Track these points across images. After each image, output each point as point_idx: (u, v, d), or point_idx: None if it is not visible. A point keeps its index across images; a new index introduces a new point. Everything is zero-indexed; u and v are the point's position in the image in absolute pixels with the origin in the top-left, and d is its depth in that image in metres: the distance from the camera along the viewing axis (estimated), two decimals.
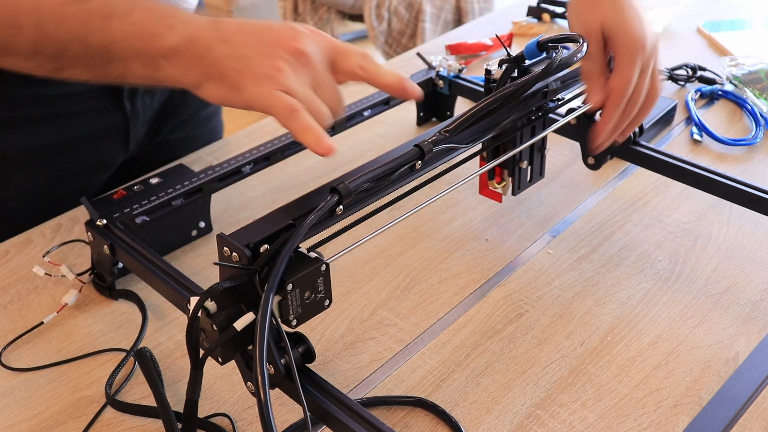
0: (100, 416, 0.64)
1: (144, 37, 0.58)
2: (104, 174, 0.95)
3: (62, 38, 0.60)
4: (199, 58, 0.58)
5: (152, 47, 0.58)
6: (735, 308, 0.73)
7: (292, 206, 0.57)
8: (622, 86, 0.70)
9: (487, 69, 0.73)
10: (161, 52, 0.58)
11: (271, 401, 0.47)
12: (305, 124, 0.55)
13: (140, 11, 0.59)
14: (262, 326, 0.48)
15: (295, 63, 0.57)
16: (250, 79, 0.57)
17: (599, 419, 0.62)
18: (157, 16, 0.59)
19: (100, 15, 0.59)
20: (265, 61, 0.57)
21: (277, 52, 0.57)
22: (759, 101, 1.04)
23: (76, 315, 0.74)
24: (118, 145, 0.94)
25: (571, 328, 0.71)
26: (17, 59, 0.62)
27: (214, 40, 0.58)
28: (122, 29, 0.59)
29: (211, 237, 0.84)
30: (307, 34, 0.58)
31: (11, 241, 0.84)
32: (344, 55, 0.60)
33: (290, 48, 0.57)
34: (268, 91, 0.56)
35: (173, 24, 0.58)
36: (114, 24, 0.59)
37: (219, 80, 0.58)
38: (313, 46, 0.58)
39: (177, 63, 0.58)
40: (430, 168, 0.63)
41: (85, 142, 0.90)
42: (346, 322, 0.72)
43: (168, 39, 0.58)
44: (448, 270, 0.79)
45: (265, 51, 0.57)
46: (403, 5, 2.63)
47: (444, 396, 0.64)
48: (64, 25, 0.59)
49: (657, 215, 0.85)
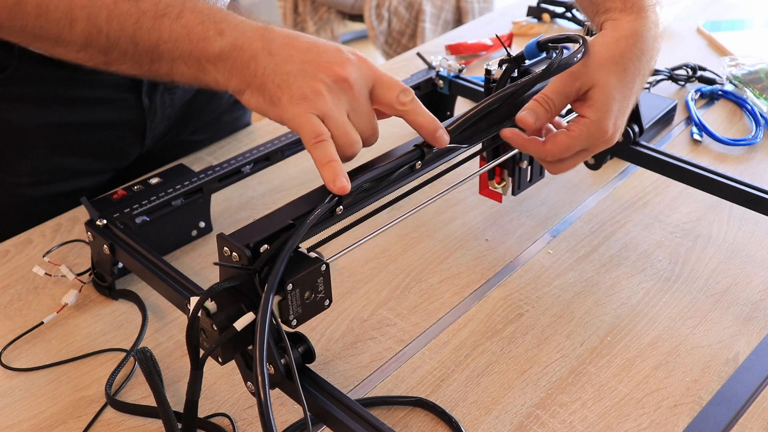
0: (100, 416, 0.64)
1: (192, 40, 0.59)
2: (118, 163, 0.96)
3: (113, 34, 0.61)
4: (243, 66, 0.59)
5: (199, 50, 0.59)
6: (735, 308, 0.73)
7: (292, 206, 0.57)
8: (563, 148, 0.65)
9: (487, 69, 0.73)
10: (208, 56, 0.59)
11: (270, 401, 0.47)
12: (327, 156, 0.56)
13: (190, 14, 0.60)
14: (262, 326, 0.48)
15: (335, 88, 0.57)
16: (288, 97, 0.57)
17: (599, 419, 0.62)
18: (207, 20, 0.60)
19: (152, 15, 0.60)
20: (305, 82, 0.57)
21: (319, 74, 0.57)
22: (759, 101, 1.04)
23: (76, 315, 0.74)
24: (134, 138, 0.94)
25: (571, 328, 0.71)
26: (69, 50, 0.64)
27: (260, 51, 0.58)
28: (171, 30, 0.60)
29: (211, 237, 0.84)
30: (352, 61, 0.58)
31: (11, 241, 0.84)
32: (385, 87, 0.60)
33: (333, 73, 0.57)
34: (302, 112, 0.57)
35: (222, 29, 0.59)
36: (164, 24, 0.60)
37: (259, 91, 0.59)
38: (356, 74, 0.58)
39: (221, 68, 0.59)
40: (430, 168, 0.63)
41: (101, 129, 0.90)
42: (346, 322, 0.72)
43: (216, 44, 0.59)
44: (448, 270, 0.79)
45: (308, 71, 0.57)
46: (403, 5, 2.63)
47: (444, 396, 0.64)
48: (115, 22, 0.61)
49: (657, 215, 0.85)
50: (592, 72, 0.64)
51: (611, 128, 0.65)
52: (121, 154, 0.95)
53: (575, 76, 0.64)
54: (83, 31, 0.61)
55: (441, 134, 0.60)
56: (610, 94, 0.64)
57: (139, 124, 0.93)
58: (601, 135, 0.65)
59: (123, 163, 0.96)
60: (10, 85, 0.83)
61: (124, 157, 0.96)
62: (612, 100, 0.64)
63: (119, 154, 0.95)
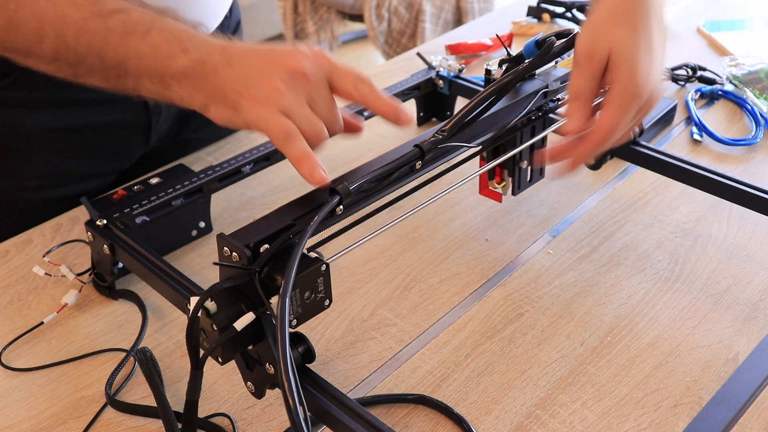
0: (100, 416, 0.64)
1: (158, 58, 0.60)
2: (122, 164, 0.96)
3: (80, 50, 0.62)
4: (205, 81, 0.60)
5: (164, 68, 0.60)
6: (735, 308, 0.73)
7: (292, 206, 0.57)
8: (610, 128, 0.63)
9: (487, 69, 0.73)
10: (172, 74, 0.60)
11: (299, 384, 0.47)
12: (300, 151, 0.57)
13: (158, 32, 0.61)
14: (282, 324, 0.48)
15: (292, 82, 0.58)
16: (248, 100, 0.58)
17: (599, 419, 0.62)
18: (173, 39, 0.61)
19: (120, 32, 0.61)
20: (263, 82, 0.58)
21: (275, 71, 0.58)
22: (759, 101, 1.04)
23: (76, 315, 0.74)
24: (139, 138, 0.95)
25: (571, 328, 0.71)
26: (40, 62, 0.66)
27: (220, 63, 0.59)
28: (138, 48, 0.61)
29: (211, 237, 0.84)
30: (305, 54, 0.59)
31: (11, 241, 0.84)
32: (342, 76, 0.60)
33: (287, 67, 0.58)
34: (266, 112, 0.57)
35: (187, 47, 0.60)
36: (131, 42, 0.61)
37: (221, 102, 0.60)
38: (311, 65, 0.59)
39: (185, 85, 0.60)
40: (430, 168, 0.63)
41: (106, 130, 0.91)
42: (346, 322, 0.72)
43: (180, 61, 0.60)
44: (448, 270, 0.79)
45: (264, 71, 0.58)
46: (403, 5, 2.63)
47: (444, 396, 0.64)
48: (83, 39, 0.62)
49: (657, 215, 0.85)
50: (602, 37, 0.63)
51: (646, 82, 0.63)
52: (125, 155, 0.96)
53: (588, 52, 0.63)
54: (52, 46, 0.63)
55: (403, 114, 0.61)
56: (630, 49, 0.62)
57: (144, 124, 0.93)
58: (639, 92, 0.63)
59: (127, 164, 0.97)
60: (15, 90, 0.83)
61: (128, 158, 0.96)
62: (634, 53, 0.62)
63: (124, 155, 0.95)
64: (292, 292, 0.52)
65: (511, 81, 0.64)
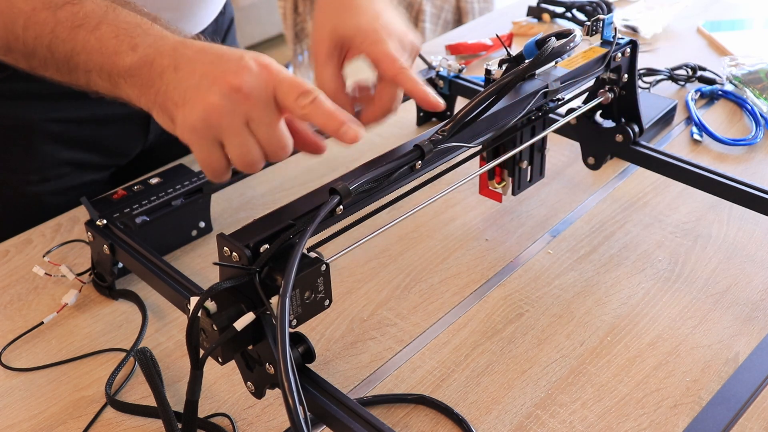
0: (100, 416, 0.64)
1: (105, 54, 0.58)
2: (121, 159, 0.97)
3: (29, 42, 0.60)
4: (150, 84, 0.56)
5: (111, 64, 0.58)
6: (735, 308, 0.73)
7: (292, 206, 0.57)
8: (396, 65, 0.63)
9: (487, 69, 0.73)
10: (119, 71, 0.58)
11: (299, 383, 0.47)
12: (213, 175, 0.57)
13: (107, 26, 0.58)
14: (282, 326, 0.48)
15: (229, 100, 0.54)
16: (181, 116, 0.55)
17: (599, 419, 0.62)
18: (122, 33, 0.57)
19: (68, 25, 0.59)
20: (199, 97, 0.54)
21: (213, 87, 0.54)
22: (759, 101, 1.04)
23: (76, 315, 0.74)
24: (139, 132, 0.95)
25: (571, 328, 0.71)
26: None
27: (167, 67, 0.56)
28: (86, 42, 0.58)
29: (211, 237, 0.84)
30: (250, 69, 0.54)
31: (11, 241, 0.84)
32: (285, 91, 0.55)
33: (226, 84, 0.54)
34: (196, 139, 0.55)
35: (137, 44, 0.57)
36: (79, 35, 0.58)
37: (162, 110, 0.57)
38: (252, 82, 0.54)
39: (132, 84, 0.58)
40: (430, 168, 0.63)
41: (107, 123, 0.91)
42: (346, 322, 0.72)
43: (127, 59, 0.57)
44: (448, 270, 0.79)
45: (203, 85, 0.54)
46: (403, 5, 2.63)
47: (444, 396, 0.64)
48: (31, 30, 0.60)
49: (657, 215, 0.85)
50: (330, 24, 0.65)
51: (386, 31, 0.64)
52: (124, 149, 0.96)
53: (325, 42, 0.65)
54: (2, 37, 0.61)
55: (345, 129, 0.55)
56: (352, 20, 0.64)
57: (144, 118, 0.93)
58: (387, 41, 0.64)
59: (125, 159, 0.97)
60: (15, 81, 0.82)
61: (126, 153, 0.96)
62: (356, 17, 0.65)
63: (123, 149, 0.96)
64: (292, 292, 0.52)
65: (511, 81, 0.64)
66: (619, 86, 0.81)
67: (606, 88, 0.81)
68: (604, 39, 0.78)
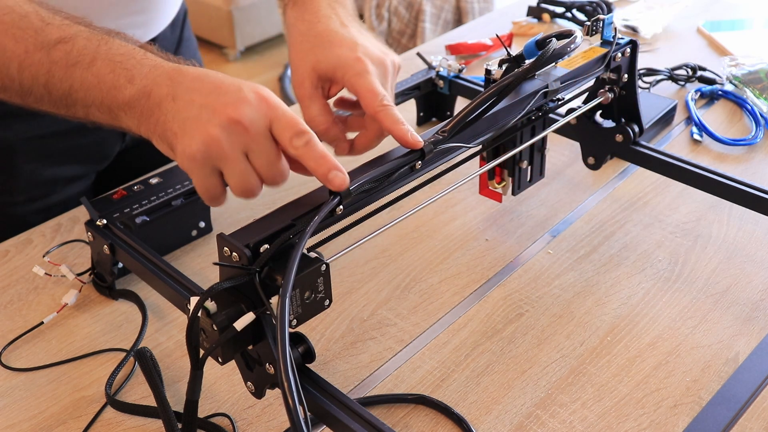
0: (100, 416, 0.64)
1: (103, 89, 0.59)
2: (102, 164, 0.97)
3: (26, 83, 0.61)
4: (149, 114, 0.58)
5: (110, 99, 0.59)
6: (735, 308, 0.73)
7: (292, 206, 0.57)
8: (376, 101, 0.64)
9: (487, 69, 0.73)
10: (118, 104, 0.59)
11: (299, 386, 0.47)
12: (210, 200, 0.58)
13: (102, 61, 0.59)
14: (282, 326, 0.48)
15: (228, 132, 0.55)
16: (181, 147, 0.56)
17: (599, 419, 0.62)
18: (118, 67, 0.59)
19: (63, 64, 0.59)
20: (198, 129, 0.55)
21: (213, 119, 0.55)
22: (759, 101, 1.04)
23: (76, 315, 0.74)
24: (115, 134, 0.95)
25: (571, 328, 0.71)
26: None
27: (165, 97, 0.57)
28: (83, 79, 0.59)
29: (211, 237, 0.84)
30: (249, 101, 0.56)
31: (11, 241, 0.84)
32: (282, 127, 0.56)
33: (226, 116, 0.55)
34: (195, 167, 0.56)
35: (133, 76, 0.58)
36: (75, 74, 0.59)
37: (161, 139, 0.58)
38: (251, 115, 0.55)
39: (131, 115, 0.59)
40: (430, 168, 0.63)
41: (84, 130, 0.90)
42: (346, 322, 0.72)
43: (125, 92, 0.58)
44: (448, 270, 0.79)
45: (202, 117, 0.55)
46: (403, 5, 2.63)
47: (444, 396, 0.64)
48: (27, 72, 0.61)
49: (657, 215, 0.85)
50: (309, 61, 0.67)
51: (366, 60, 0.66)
52: (104, 154, 0.96)
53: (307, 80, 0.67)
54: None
55: (333, 176, 0.56)
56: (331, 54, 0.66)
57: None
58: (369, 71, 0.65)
59: (106, 163, 0.98)
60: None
61: (107, 156, 0.97)
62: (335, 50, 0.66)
63: (103, 154, 0.96)
64: (292, 292, 0.52)
65: (512, 83, 0.64)
66: (619, 86, 0.81)
67: (606, 88, 0.81)
68: (604, 39, 0.78)
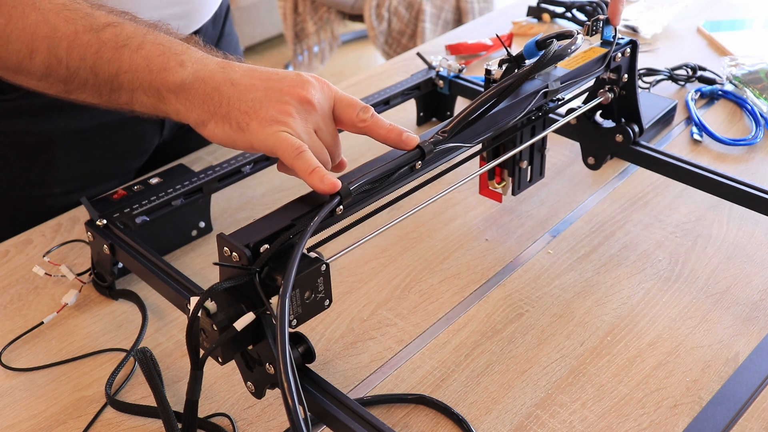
0: (100, 416, 0.64)
1: (152, 71, 0.60)
2: (142, 158, 0.97)
3: (72, 64, 0.62)
4: (206, 97, 0.60)
5: (159, 81, 0.60)
6: (735, 308, 0.73)
7: (292, 206, 0.57)
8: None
9: (487, 69, 0.73)
10: (168, 87, 0.60)
11: (300, 388, 0.47)
12: (310, 164, 0.57)
13: (151, 45, 0.61)
14: (282, 326, 0.48)
15: (301, 109, 0.59)
16: (257, 121, 0.58)
17: (599, 419, 0.62)
18: (168, 51, 0.61)
19: (112, 45, 0.61)
20: (272, 106, 0.59)
21: (284, 97, 0.59)
22: (759, 101, 1.04)
23: (76, 315, 0.74)
24: (154, 127, 0.95)
25: (571, 328, 0.71)
26: (29, 78, 0.65)
27: (223, 82, 0.60)
28: (132, 61, 0.61)
29: (211, 237, 0.84)
30: (313, 84, 0.60)
31: (11, 241, 0.84)
32: (345, 106, 0.62)
33: (297, 95, 0.59)
34: (275, 132, 0.58)
35: (183, 60, 0.60)
36: (124, 55, 0.61)
37: (225, 120, 0.59)
38: (318, 95, 0.60)
39: (183, 98, 0.60)
40: (430, 168, 0.63)
41: (124, 124, 0.91)
42: (346, 322, 0.72)
43: (177, 75, 0.60)
44: (448, 270, 0.79)
45: (272, 96, 0.59)
46: (403, 5, 2.63)
47: (444, 396, 0.64)
48: (75, 53, 0.62)
49: (657, 215, 0.85)
50: None
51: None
52: (143, 148, 0.97)
53: None
54: (43, 61, 0.63)
55: (407, 137, 0.60)
56: None
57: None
58: None
59: (145, 157, 0.98)
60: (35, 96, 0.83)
61: (146, 151, 0.97)
62: None
63: (142, 149, 0.96)
64: (292, 292, 0.52)
65: (513, 84, 0.64)
66: (619, 86, 0.81)
67: (606, 88, 0.81)
68: (604, 39, 0.78)
